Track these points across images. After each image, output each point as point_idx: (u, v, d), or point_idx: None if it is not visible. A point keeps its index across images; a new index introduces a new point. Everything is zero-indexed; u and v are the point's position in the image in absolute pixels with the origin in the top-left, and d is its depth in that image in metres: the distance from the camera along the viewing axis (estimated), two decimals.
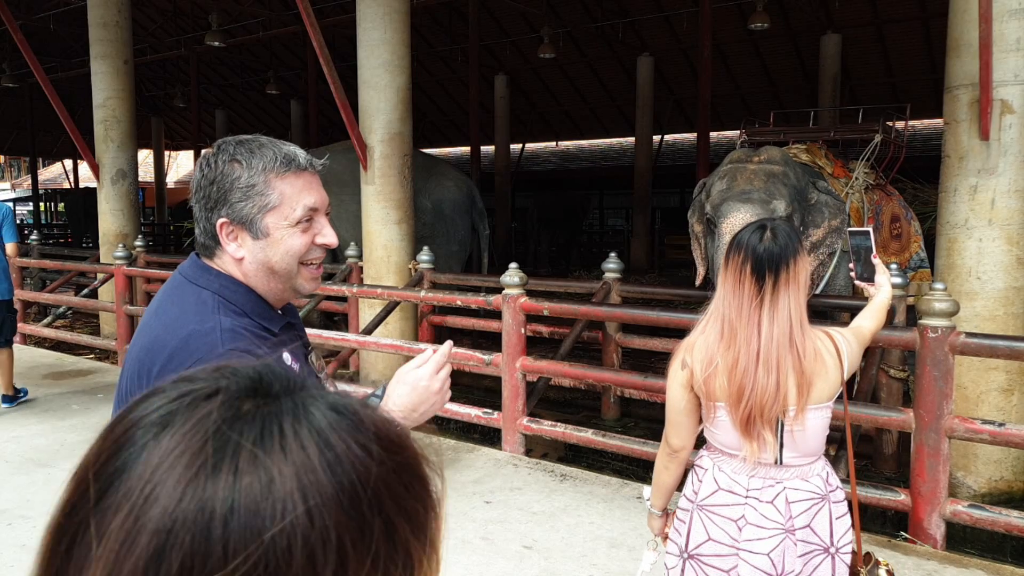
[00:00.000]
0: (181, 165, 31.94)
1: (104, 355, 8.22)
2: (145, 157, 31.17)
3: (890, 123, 6.00)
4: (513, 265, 4.93)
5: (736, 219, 4.25)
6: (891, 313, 4.33)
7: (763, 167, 4.43)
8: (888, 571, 1.90)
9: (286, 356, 1.25)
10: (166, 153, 27.08)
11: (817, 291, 4.85)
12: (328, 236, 1.27)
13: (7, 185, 38.03)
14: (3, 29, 9.31)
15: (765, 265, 1.78)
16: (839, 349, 1.83)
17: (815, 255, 4.69)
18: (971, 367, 4.34)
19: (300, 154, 1.25)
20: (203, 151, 1.30)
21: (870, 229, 2.26)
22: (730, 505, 1.83)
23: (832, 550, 1.80)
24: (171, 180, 29.10)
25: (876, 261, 2.14)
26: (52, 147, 27.16)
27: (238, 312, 1.23)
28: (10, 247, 5.89)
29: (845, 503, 1.85)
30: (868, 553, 1.93)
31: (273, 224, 1.23)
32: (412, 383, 1.26)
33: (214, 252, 1.27)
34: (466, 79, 16.49)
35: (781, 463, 1.81)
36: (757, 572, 1.77)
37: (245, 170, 1.22)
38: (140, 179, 30.23)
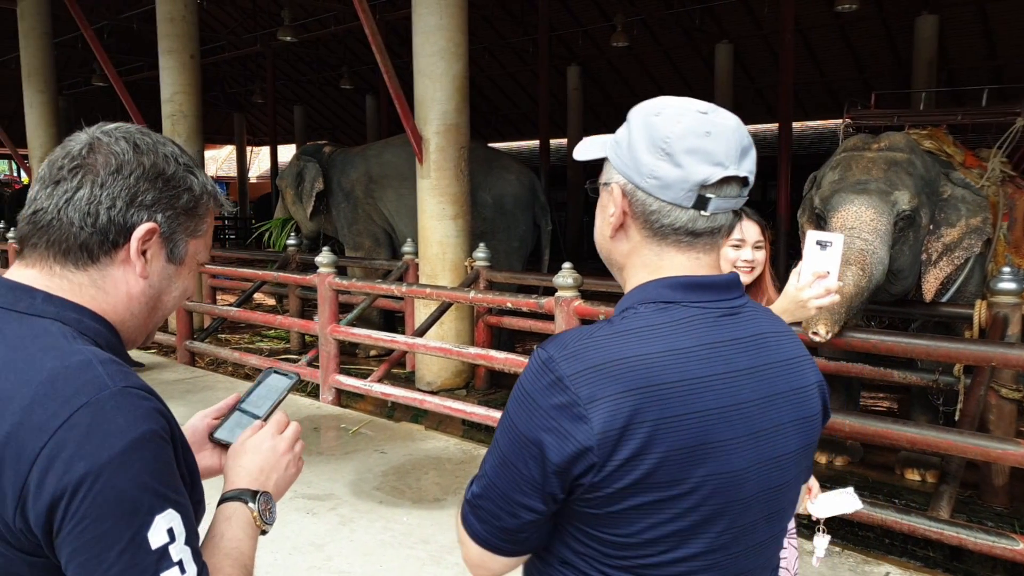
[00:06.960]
0: (263, 161, 32.72)
1: (169, 351, 8.20)
2: (229, 153, 31.97)
3: None
4: (567, 265, 4.53)
5: (849, 213, 3.58)
6: (1004, 324, 3.73)
7: (884, 154, 3.76)
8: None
9: None
10: (248, 148, 27.70)
11: (944, 299, 4.16)
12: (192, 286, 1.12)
13: None
14: (93, 30, 9.45)
15: None
16: None
17: (948, 259, 3.96)
18: None
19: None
20: (139, 137, 1.01)
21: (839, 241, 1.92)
22: None
23: None
24: (252, 175, 29.81)
25: (796, 269, 1.96)
26: None
27: (93, 343, 0.90)
28: None
29: None
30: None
31: (191, 254, 1.03)
32: (254, 447, 1.09)
33: (93, 257, 0.93)
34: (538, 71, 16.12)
35: None
36: None
37: (197, 185, 1.03)
38: (224, 174, 31.16)
